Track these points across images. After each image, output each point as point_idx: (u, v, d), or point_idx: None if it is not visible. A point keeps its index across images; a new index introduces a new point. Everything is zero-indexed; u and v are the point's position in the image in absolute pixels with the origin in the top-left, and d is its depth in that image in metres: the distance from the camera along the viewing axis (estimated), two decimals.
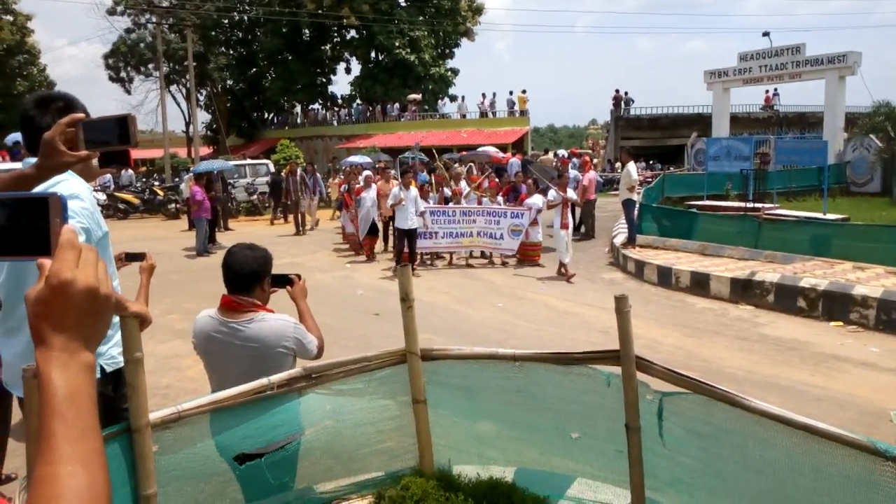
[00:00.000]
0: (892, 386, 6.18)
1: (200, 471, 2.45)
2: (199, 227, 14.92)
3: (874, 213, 16.71)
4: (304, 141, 39.13)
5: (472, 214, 12.63)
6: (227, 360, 2.77)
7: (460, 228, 12.59)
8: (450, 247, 12.77)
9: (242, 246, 2.93)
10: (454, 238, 12.62)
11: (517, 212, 12.54)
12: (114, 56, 44.47)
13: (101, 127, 1.70)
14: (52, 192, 0.84)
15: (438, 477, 2.76)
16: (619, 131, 36.35)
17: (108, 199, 21.89)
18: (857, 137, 23.62)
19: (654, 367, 2.29)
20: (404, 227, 11.45)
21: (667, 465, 2.40)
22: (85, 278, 0.78)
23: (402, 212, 11.38)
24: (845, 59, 23.49)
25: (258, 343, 2.75)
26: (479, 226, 12.56)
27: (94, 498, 0.71)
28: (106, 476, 0.74)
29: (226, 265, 2.86)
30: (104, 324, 0.81)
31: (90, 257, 0.80)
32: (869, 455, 1.84)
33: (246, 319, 2.78)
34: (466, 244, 12.77)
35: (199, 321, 2.91)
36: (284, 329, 2.80)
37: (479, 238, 12.62)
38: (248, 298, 2.82)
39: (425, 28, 40.45)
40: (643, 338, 7.22)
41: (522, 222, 12.35)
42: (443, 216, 12.54)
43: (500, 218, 12.52)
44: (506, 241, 12.44)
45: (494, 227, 12.51)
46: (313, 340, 2.89)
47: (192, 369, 6.74)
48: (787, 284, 8.93)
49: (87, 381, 0.78)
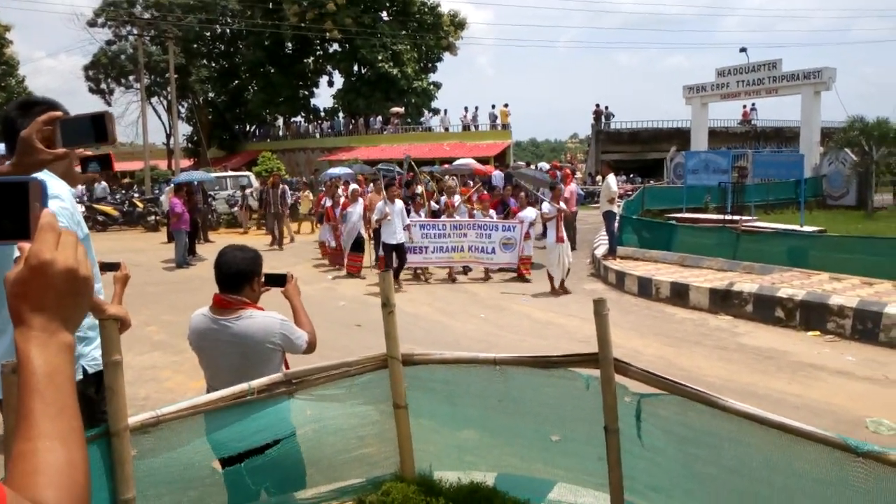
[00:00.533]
0: (868, 394, 6.26)
1: (180, 476, 2.44)
2: (178, 239, 14.80)
3: (850, 225, 16.98)
4: (286, 153, 39.02)
5: (462, 228, 12.25)
6: (218, 356, 2.87)
7: (451, 242, 12.21)
8: (440, 261, 12.35)
9: (233, 247, 3.04)
10: (445, 252, 12.22)
11: (508, 225, 12.30)
12: (94, 67, 44.14)
13: (78, 125, 1.70)
14: (32, 178, 0.85)
15: (419, 482, 2.76)
16: (599, 145, 36.68)
17: (86, 211, 21.66)
18: (833, 151, 24.04)
19: (632, 370, 2.32)
20: (391, 241, 11.15)
21: (645, 467, 2.43)
22: (64, 259, 0.79)
23: (389, 226, 11.08)
24: (820, 74, 23.96)
25: (246, 339, 2.83)
26: (471, 240, 12.19)
27: (73, 474, 0.72)
28: (84, 454, 0.75)
29: (217, 265, 2.96)
30: (83, 305, 0.82)
31: (70, 240, 0.81)
32: (841, 452, 1.88)
33: (234, 317, 2.86)
34: (458, 259, 12.35)
35: (193, 319, 3.01)
36: (271, 325, 2.87)
37: (469, 252, 12.23)
38: (237, 297, 2.90)
39: (408, 42, 40.64)
40: (623, 347, 7.27)
41: (514, 235, 12.08)
42: (433, 230, 12.17)
43: (491, 231, 12.21)
44: (497, 254, 12.14)
45: (486, 241, 12.17)
46: (302, 336, 2.94)
47: (170, 381, 6.68)
48: (765, 295, 9.03)
49: (66, 360, 0.78)
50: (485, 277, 12.40)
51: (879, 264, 9.70)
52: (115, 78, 44.12)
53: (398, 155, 34.30)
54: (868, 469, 1.86)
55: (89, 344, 2.46)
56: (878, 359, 7.25)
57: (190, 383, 6.33)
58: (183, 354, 7.74)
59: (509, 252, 12.10)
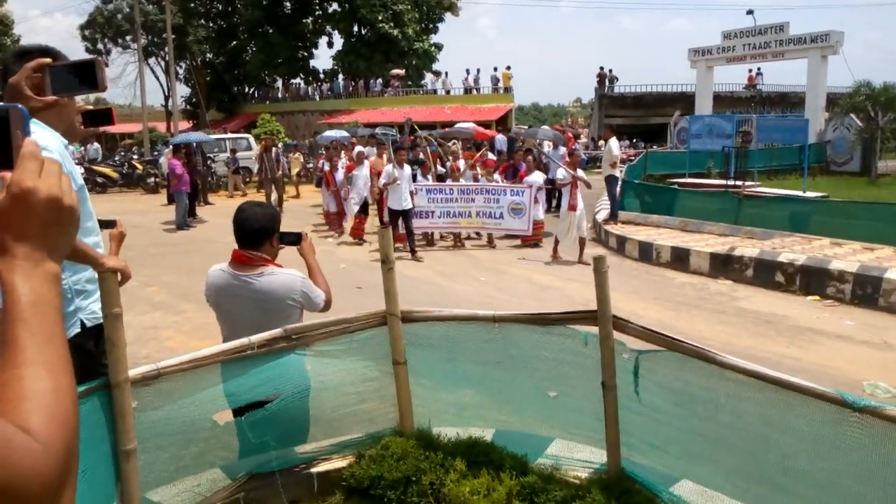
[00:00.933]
0: (866, 358, 6.30)
1: (180, 430, 2.46)
2: (178, 201, 14.76)
3: (853, 191, 16.91)
4: (285, 116, 38.67)
5: (470, 193, 11.81)
6: (238, 311, 2.87)
7: (458, 207, 11.76)
8: (447, 226, 11.98)
9: (252, 203, 3.05)
10: (451, 218, 11.80)
11: (517, 189, 11.84)
12: (90, 27, 43.48)
13: (67, 72, 1.67)
14: (13, 105, 0.83)
15: (418, 437, 2.79)
16: (603, 109, 36.35)
17: (85, 173, 21.56)
18: (838, 117, 23.84)
19: (631, 326, 2.32)
20: (398, 207, 10.74)
21: (642, 423, 2.45)
22: (48, 188, 0.77)
23: (396, 191, 10.66)
24: (828, 38, 23.62)
25: (267, 296, 2.84)
26: (478, 205, 11.75)
27: (60, 401, 0.71)
28: (72, 382, 0.74)
29: (237, 221, 2.95)
30: (69, 235, 0.80)
31: (53, 169, 0.79)
32: (837, 408, 1.89)
33: (256, 273, 2.87)
34: (465, 224, 11.95)
35: (211, 275, 3.00)
36: (293, 283, 2.88)
37: (477, 218, 11.81)
38: (258, 253, 2.90)
39: (409, 2, 39.95)
40: (623, 311, 7.23)
41: (523, 200, 11.61)
42: (440, 194, 11.75)
43: (499, 196, 11.76)
44: (506, 220, 11.69)
45: (494, 206, 11.72)
46: (320, 294, 2.96)
47: (171, 340, 6.72)
48: (765, 259, 9.03)
49: (53, 290, 0.77)
50: (489, 244, 12.10)
51: (881, 230, 9.68)
52: (112, 38, 43.49)
53: (399, 118, 33.98)
54: (864, 424, 1.88)
55: (88, 297, 2.45)
56: (877, 323, 7.28)
57: (191, 342, 6.36)
58: (184, 315, 7.78)
59: (519, 218, 11.68)
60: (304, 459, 2.80)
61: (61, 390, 0.72)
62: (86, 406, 2.08)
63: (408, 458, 2.62)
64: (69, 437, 0.70)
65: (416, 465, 2.59)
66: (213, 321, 3.15)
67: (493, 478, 2.52)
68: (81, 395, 2.07)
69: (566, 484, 2.55)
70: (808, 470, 2.08)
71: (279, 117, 34.59)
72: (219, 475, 2.62)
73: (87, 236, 2.39)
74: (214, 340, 2.95)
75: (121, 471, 2.15)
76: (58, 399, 0.71)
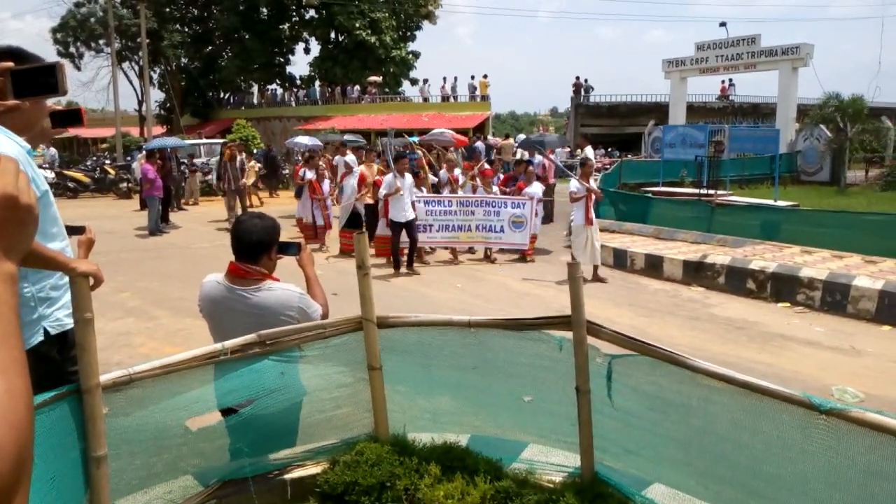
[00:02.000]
0: (835, 363, 6.42)
1: (152, 436, 2.43)
2: (150, 206, 14.62)
3: (822, 200, 17.25)
4: (261, 122, 38.43)
5: (470, 205, 11.19)
6: (232, 325, 2.79)
7: (457, 220, 11.10)
8: (445, 241, 11.30)
9: (251, 214, 2.98)
10: (450, 231, 11.14)
11: (518, 202, 11.30)
12: (62, 30, 42.82)
13: (29, 76, 1.66)
14: None
15: (393, 442, 2.78)
16: (578, 118, 36.65)
17: (56, 178, 21.24)
18: (808, 128, 24.31)
19: (604, 331, 2.35)
20: (400, 219, 10.06)
21: (616, 427, 2.47)
22: (3, 186, 0.76)
23: (398, 202, 10.03)
24: (798, 50, 24.11)
25: (264, 311, 2.80)
26: (478, 218, 11.15)
27: (12, 403, 0.69)
28: (26, 385, 0.72)
29: (235, 234, 2.89)
30: (27, 235, 0.79)
31: (9, 167, 0.78)
32: (805, 410, 1.92)
33: (253, 287, 2.83)
34: (464, 239, 11.29)
35: (205, 286, 2.95)
36: (290, 299, 2.84)
37: (477, 232, 11.21)
38: (255, 267, 2.85)
39: (386, 9, 39.99)
40: (598, 317, 7.30)
41: (524, 213, 11.12)
42: (438, 206, 11.06)
43: (500, 209, 11.19)
44: (507, 233, 11.17)
45: (494, 219, 11.15)
46: (317, 309, 2.92)
47: (144, 346, 6.64)
48: (737, 267, 9.17)
49: (9, 290, 0.76)
50: (490, 259, 11.52)
51: (849, 238, 9.90)
52: (85, 41, 42.87)
53: (376, 125, 34.04)
54: (831, 427, 1.91)
55: (52, 305, 2.41)
56: (845, 329, 7.43)
57: (164, 348, 6.30)
58: (157, 321, 7.69)
59: (519, 231, 11.18)
60: (277, 466, 2.78)
61: (14, 392, 0.70)
62: (55, 412, 2.05)
63: (382, 463, 2.61)
64: (22, 440, 0.69)
65: (390, 471, 2.59)
66: (187, 327, 3.14)
67: (468, 482, 2.52)
68: (51, 400, 2.04)
69: (540, 488, 2.56)
70: (777, 473, 2.12)
71: (255, 123, 34.33)
72: (191, 482, 2.59)
73: (51, 242, 2.36)
74: (187, 347, 2.92)
75: (91, 477, 2.12)
76: (10, 401, 0.69)
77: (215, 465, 2.65)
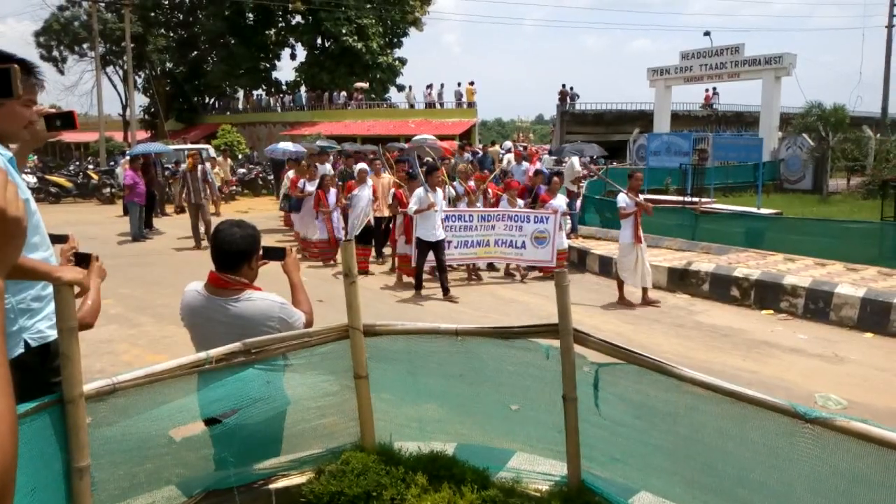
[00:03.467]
0: (818, 371, 6.48)
1: (136, 446, 2.40)
2: (132, 212, 14.50)
3: (805, 208, 17.42)
4: (246, 127, 38.28)
5: (490, 219, 10.29)
6: (213, 335, 2.75)
7: (477, 236, 10.20)
8: (463, 258, 10.28)
9: (230, 223, 2.91)
10: (469, 248, 10.19)
11: (541, 216, 10.34)
12: (46, 34, 42.47)
13: None
14: None
15: (379, 451, 2.77)
16: (564, 126, 36.80)
17: (38, 183, 21.03)
18: (791, 136, 24.59)
19: (591, 340, 2.35)
20: (430, 238, 9.10)
21: (603, 436, 2.47)
22: None
23: (428, 220, 9.07)
24: (781, 59, 24.39)
25: (244, 321, 2.75)
26: (498, 233, 10.27)
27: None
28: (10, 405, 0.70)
29: (214, 243, 2.85)
30: (14, 247, 0.77)
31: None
32: (790, 419, 1.93)
33: (233, 298, 2.78)
34: (482, 255, 10.38)
35: (186, 295, 2.91)
36: (271, 309, 2.80)
37: (496, 248, 10.32)
38: (235, 277, 2.80)
39: (373, 16, 40.04)
40: (584, 324, 7.30)
41: (548, 228, 10.24)
42: (458, 221, 10.06)
43: (522, 223, 10.29)
44: (528, 249, 10.26)
45: (516, 234, 10.25)
46: (300, 317, 2.87)
47: (127, 354, 6.58)
48: (721, 274, 9.24)
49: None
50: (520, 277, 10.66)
51: (832, 246, 10.01)
52: (69, 45, 42.57)
53: (362, 131, 34.01)
54: (815, 435, 1.93)
55: (33, 316, 2.37)
56: (828, 337, 7.49)
57: (147, 356, 6.24)
58: (140, 328, 7.62)
59: (542, 247, 10.27)
60: (262, 475, 2.75)
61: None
62: (37, 423, 2.02)
63: (368, 473, 2.60)
64: (5, 463, 0.67)
65: (376, 480, 2.57)
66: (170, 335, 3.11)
67: (455, 492, 2.51)
68: (32, 411, 2.01)
69: (527, 497, 2.55)
70: (763, 481, 2.13)
71: (240, 128, 34.27)
72: (174, 492, 2.56)
73: (34, 252, 2.32)
74: (171, 354, 2.90)
75: (73, 489, 2.09)
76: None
77: (199, 475, 2.63)
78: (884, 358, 6.83)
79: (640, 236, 8.96)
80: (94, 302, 2.89)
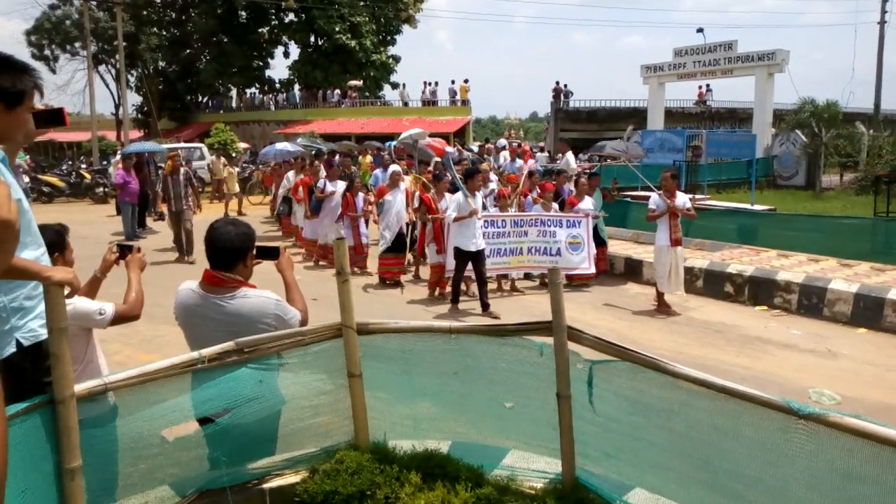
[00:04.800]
0: (812, 366, 6.50)
1: (128, 446, 2.39)
2: (124, 211, 14.46)
3: (798, 204, 17.49)
4: (240, 126, 38.16)
5: (524, 225, 9.57)
6: (207, 334, 2.74)
7: (510, 243, 9.44)
8: (495, 268, 9.34)
9: (225, 221, 2.93)
10: (502, 256, 9.38)
11: (574, 220, 9.78)
12: (37, 33, 42.19)
13: None
14: None
15: (373, 450, 2.76)
16: (558, 123, 36.81)
17: (31, 182, 20.92)
18: (784, 133, 24.65)
19: (585, 337, 2.35)
20: (470, 248, 8.28)
21: (597, 433, 2.47)
22: None
23: (468, 228, 8.30)
24: (774, 56, 24.43)
25: (239, 319, 2.75)
26: (531, 239, 9.57)
27: None
28: None
29: (208, 241, 2.84)
30: (7, 250, 0.77)
31: None
32: (784, 415, 1.93)
33: (228, 295, 2.78)
34: (514, 264, 9.57)
35: (180, 293, 2.89)
36: (266, 306, 2.79)
37: (529, 255, 9.58)
38: (229, 275, 2.80)
39: (366, 13, 39.94)
40: (578, 321, 7.29)
41: (580, 232, 9.67)
42: (491, 227, 9.24)
43: (556, 228, 9.65)
44: (564, 256, 9.52)
45: (550, 241, 9.59)
46: (295, 315, 2.87)
47: (119, 354, 6.54)
48: (715, 270, 9.26)
49: None
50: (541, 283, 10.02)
51: (825, 242, 10.05)
52: (60, 44, 42.27)
53: (356, 129, 33.95)
54: (809, 431, 1.93)
55: (25, 315, 2.35)
56: (821, 333, 7.52)
57: (139, 356, 6.22)
58: (132, 328, 7.55)
59: (577, 253, 9.65)
60: (256, 475, 2.74)
61: None
62: (27, 424, 2.01)
63: (362, 471, 2.59)
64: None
65: (370, 479, 2.56)
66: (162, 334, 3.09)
67: (449, 490, 2.51)
68: (23, 412, 2.00)
69: (521, 494, 2.55)
70: (758, 476, 2.13)
71: (233, 127, 34.13)
72: (167, 492, 2.55)
73: (25, 251, 2.30)
74: (163, 354, 2.88)
75: (64, 490, 2.08)
76: None
77: (193, 475, 2.61)
78: (877, 353, 6.86)
79: (679, 238, 8.49)
80: (137, 293, 2.93)
